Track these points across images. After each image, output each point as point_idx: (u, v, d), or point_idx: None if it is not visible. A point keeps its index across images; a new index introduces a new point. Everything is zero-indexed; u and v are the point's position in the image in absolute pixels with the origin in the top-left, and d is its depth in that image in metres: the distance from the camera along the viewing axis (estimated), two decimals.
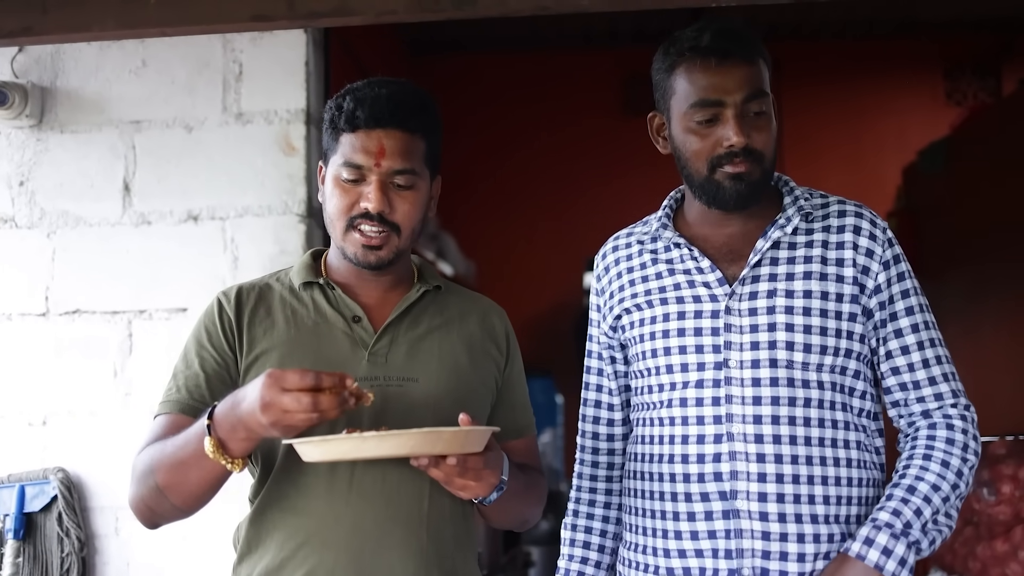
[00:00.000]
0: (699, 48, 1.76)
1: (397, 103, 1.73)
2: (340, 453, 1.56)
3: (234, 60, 2.97)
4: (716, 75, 1.74)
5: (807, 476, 1.72)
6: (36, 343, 2.99)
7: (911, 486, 1.72)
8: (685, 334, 1.80)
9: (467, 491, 1.63)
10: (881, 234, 1.81)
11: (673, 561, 1.78)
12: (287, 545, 1.71)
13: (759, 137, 1.75)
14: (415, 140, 1.74)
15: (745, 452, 1.73)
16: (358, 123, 1.72)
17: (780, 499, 1.71)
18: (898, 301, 1.79)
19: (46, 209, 3.02)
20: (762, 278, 1.79)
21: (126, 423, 2.95)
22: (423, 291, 1.84)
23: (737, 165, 1.75)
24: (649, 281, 1.88)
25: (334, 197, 1.76)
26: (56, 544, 2.86)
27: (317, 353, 1.76)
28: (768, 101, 1.77)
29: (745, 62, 1.75)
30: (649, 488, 1.83)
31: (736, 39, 1.76)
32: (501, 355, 1.90)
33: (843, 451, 1.75)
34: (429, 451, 1.55)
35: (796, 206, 1.82)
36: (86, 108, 3.01)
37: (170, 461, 1.63)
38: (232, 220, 2.95)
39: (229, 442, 1.56)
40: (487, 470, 1.62)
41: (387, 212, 1.73)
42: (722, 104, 1.74)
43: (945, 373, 1.79)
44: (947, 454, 1.74)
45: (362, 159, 1.72)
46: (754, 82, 1.75)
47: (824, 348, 1.75)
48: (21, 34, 1.94)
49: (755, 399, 1.74)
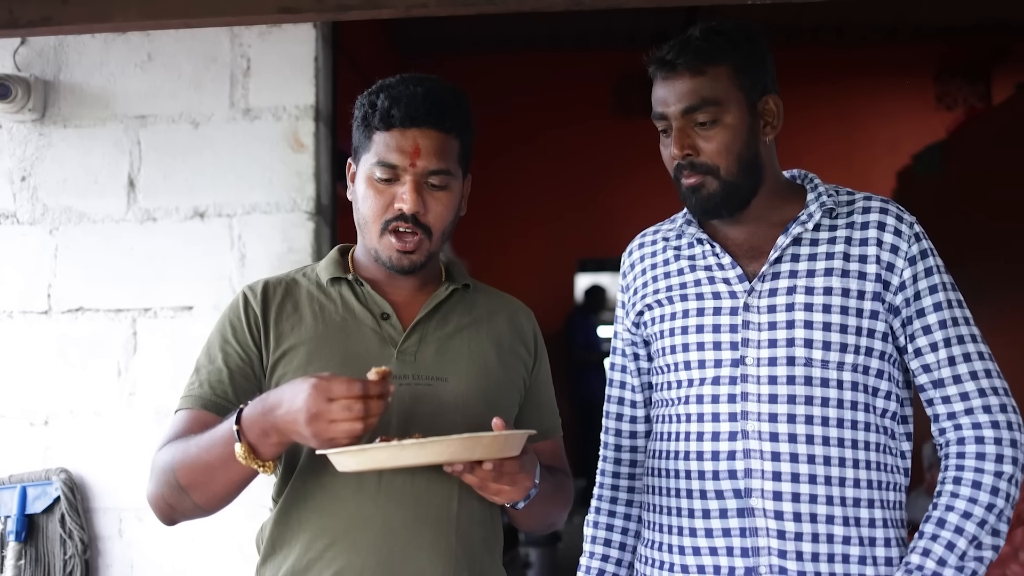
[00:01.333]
0: (654, 60, 1.78)
1: (433, 102, 1.69)
2: (378, 462, 1.52)
3: (242, 55, 2.93)
4: (661, 88, 1.77)
5: (824, 476, 1.70)
6: (38, 342, 2.94)
7: (940, 519, 1.69)
8: (703, 331, 1.79)
9: (501, 496, 1.60)
10: (907, 229, 1.77)
11: (688, 558, 1.77)
12: (314, 546, 1.68)
13: (707, 147, 1.74)
14: (450, 140, 1.71)
15: (760, 451, 1.71)
16: (393, 122, 1.68)
17: (795, 498, 1.69)
18: (925, 297, 1.75)
19: (48, 205, 2.96)
20: (782, 275, 1.77)
21: (130, 423, 2.91)
22: (452, 289, 1.82)
23: (688, 178, 1.77)
24: (671, 277, 1.87)
25: (368, 198, 1.72)
26: (59, 546, 2.81)
27: (345, 350, 1.72)
28: (721, 109, 1.74)
29: (691, 73, 1.74)
30: (666, 485, 1.81)
31: (688, 49, 1.75)
32: (529, 355, 1.88)
33: (862, 452, 1.72)
34: (468, 457, 1.51)
35: (819, 203, 1.79)
36: (90, 102, 2.96)
37: (194, 461, 1.60)
38: (239, 217, 2.91)
39: (260, 446, 1.53)
40: (522, 474, 1.59)
41: (421, 214, 1.70)
42: (665, 118, 1.77)
43: (974, 371, 1.73)
44: (978, 472, 1.69)
45: (397, 159, 1.68)
46: (698, 92, 1.74)
47: (845, 346, 1.73)
48: (41, 24, 1.88)
49: (771, 397, 1.72)
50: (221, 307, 2.89)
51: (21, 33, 1.98)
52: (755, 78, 1.77)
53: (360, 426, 1.44)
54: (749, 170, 1.77)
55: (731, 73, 1.74)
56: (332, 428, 1.44)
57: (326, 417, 1.43)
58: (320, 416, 1.44)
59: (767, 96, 1.79)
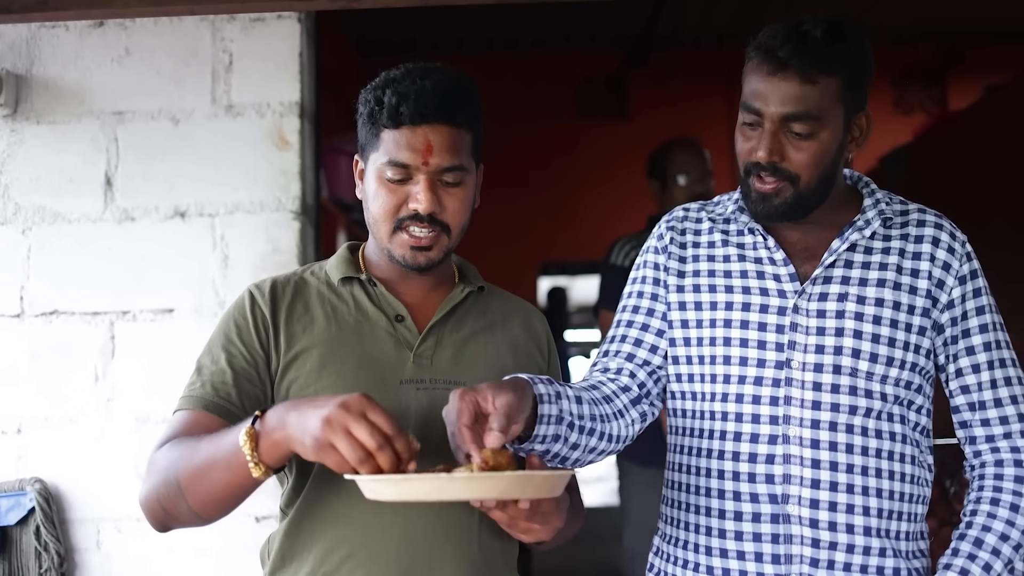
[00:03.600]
0: (763, 47, 1.68)
1: (443, 95, 1.62)
2: (421, 494, 1.38)
3: (224, 50, 2.84)
4: (762, 83, 1.68)
5: (861, 487, 1.67)
6: (9, 346, 2.82)
7: (978, 538, 1.67)
8: (749, 327, 1.74)
9: (529, 534, 1.53)
10: (960, 247, 1.76)
11: (715, 560, 1.72)
12: (330, 558, 1.62)
13: (796, 157, 1.68)
14: (462, 134, 1.65)
15: (800, 456, 1.68)
16: (402, 119, 1.61)
17: (832, 507, 1.67)
18: (972, 318, 1.74)
19: (21, 204, 2.84)
20: (834, 280, 1.73)
21: (108, 431, 2.80)
22: (467, 292, 1.76)
23: (764, 182, 1.70)
24: (716, 261, 1.81)
25: (379, 197, 1.65)
26: (34, 559, 2.70)
27: (360, 352, 1.67)
28: (820, 124, 1.67)
29: (801, 79, 1.65)
30: (695, 483, 1.76)
31: (805, 50, 1.65)
32: (543, 359, 1.84)
33: (898, 464, 1.70)
34: (518, 495, 1.41)
35: (877, 209, 1.76)
36: (65, 98, 2.85)
37: (199, 458, 1.51)
38: (222, 217, 2.82)
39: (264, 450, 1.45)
40: (555, 514, 1.52)
41: (437, 212, 1.64)
42: (759, 114, 1.68)
43: (1015, 396, 1.73)
44: (1016, 495, 1.69)
45: (408, 157, 1.62)
46: (804, 102, 1.65)
47: (891, 360, 1.70)
48: (36, 9, 1.78)
49: (815, 404, 1.69)
50: (203, 310, 2.81)
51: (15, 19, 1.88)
52: (858, 94, 1.71)
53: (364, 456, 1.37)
54: (826, 183, 1.72)
55: (840, 87, 1.67)
56: (342, 442, 1.37)
57: (344, 427, 1.37)
58: (336, 423, 1.37)
59: (861, 113, 1.73)
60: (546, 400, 1.59)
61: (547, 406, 1.58)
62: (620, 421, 1.74)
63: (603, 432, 1.70)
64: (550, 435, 1.60)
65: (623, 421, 1.75)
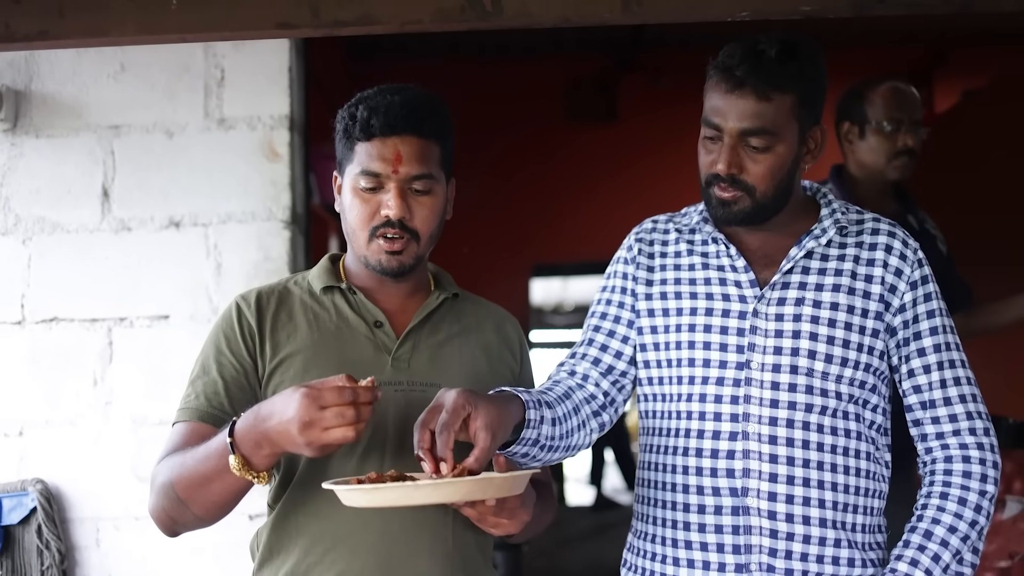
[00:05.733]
0: (721, 67, 1.79)
1: (411, 109, 1.74)
2: (390, 500, 1.53)
3: (216, 65, 2.95)
4: (721, 100, 1.79)
5: (817, 481, 1.77)
6: (12, 352, 2.94)
7: (928, 531, 1.77)
8: (711, 330, 1.83)
9: (499, 528, 1.65)
10: (912, 255, 1.85)
11: (680, 551, 1.82)
12: (314, 550, 1.72)
13: (753, 169, 1.78)
14: (430, 145, 1.76)
15: (759, 452, 1.77)
16: (373, 131, 1.73)
17: (790, 500, 1.76)
18: (923, 321, 1.84)
19: (21, 215, 2.96)
20: (792, 285, 1.83)
21: (106, 433, 2.91)
22: (442, 298, 1.87)
23: (724, 191, 1.80)
24: (682, 270, 1.91)
25: (354, 207, 1.77)
26: (36, 557, 2.81)
27: (341, 357, 1.77)
28: (776, 139, 1.77)
29: (757, 96, 1.75)
30: (662, 479, 1.86)
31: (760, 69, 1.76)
32: (516, 362, 1.94)
33: (853, 460, 1.80)
34: (480, 497, 1.54)
35: (833, 219, 1.86)
36: (63, 113, 2.96)
37: (191, 475, 1.63)
38: (215, 226, 2.93)
39: (253, 458, 1.57)
40: (521, 509, 1.64)
41: (407, 218, 1.75)
42: (718, 128, 1.79)
43: (963, 395, 1.82)
44: (964, 489, 1.78)
45: (379, 167, 1.73)
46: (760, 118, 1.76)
47: (845, 360, 1.80)
48: (37, 38, 1.89)
49: (773, 402, 1.78)
50: (197, 316, 2.92)
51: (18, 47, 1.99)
52: (813, 109, 1.81)
53: (352, 432, 1.49)
54: (782, 193, 1.82)
55: (794, 104, 1.77)
56: (326, 435, 1.48)
57: (320, 425, 1.48)
58: (313, 424, 1.48)
59: (816, 127, 1.83)
60: (532, 426, 1.71)
61: (530, 431, 1.71)
62: (580, 432, 1.86)
63: (564, 446, 1.82)
64: (520, 452, 1.73)
65: (583, 432, 1.87)
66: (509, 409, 1.66)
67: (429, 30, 1.96)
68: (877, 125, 2.90)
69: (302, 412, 1.48)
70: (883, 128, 2.89)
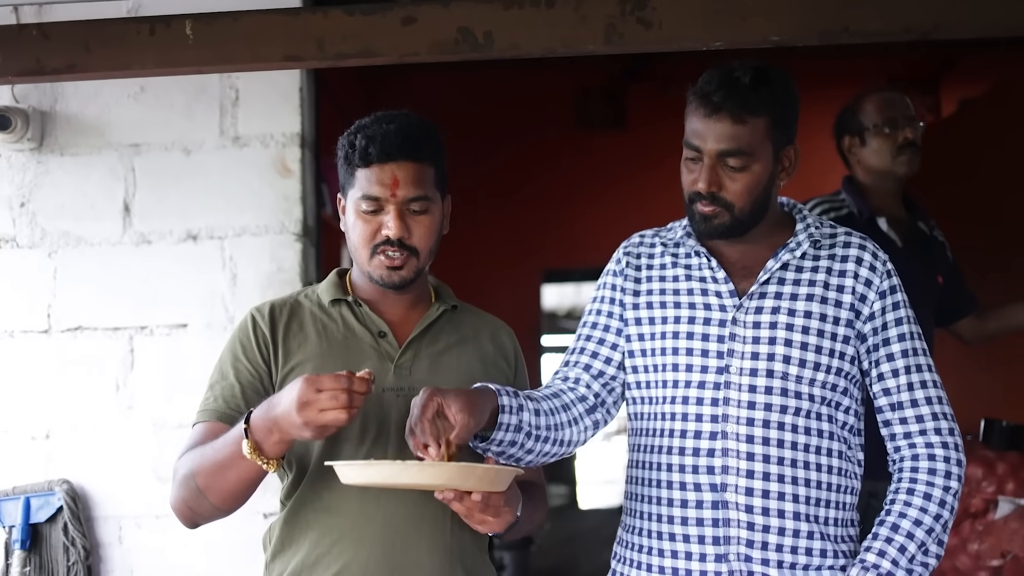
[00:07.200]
0: (699, 93, 1.92)
1: (405, 136, 1.88)
2: (381, 477, 1.72)
3: (230, 86, 3.09)
4: (700, 123, 1.92)
5: (791, 477, 1.89)
6: (39, 359, 3.09)
7: (895, 524, 1.89)
8: (693, 337, 1.96)
9: (485, 526, 1.78)
10: (881, 266, 1.97)
11: (664, 543, 1.94)
12: (322, 542, 1.86)
13: (731, 187, 1.91)
14: (425, 168, 1.90)
15: (737, 450, 1.90)
16: (371, 159, 1.87)
17: (765, 495, 1.89)
18: (891, 328, 1.96)
19: (47, 229, 3.11)
20: (768, 295, 1.96)
21: (128, 436, 3.06)
22: (442, 310, 2.00)
23: (704, 207, 1.93)
24: (666, 281, 2.03)
25: (357, 227, 1.91)
26: (62, 553, 2.95)
27: (347, 364, 1.88)
28: (752, 159, 1.91)
29: (733, 119, 1.89)
30: (647, 476, 1.98)
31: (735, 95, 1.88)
32: (510, 369, 2.07)
33: (825, 458, 1.92)
34: (461, 485, 1.68)
35: (807, 233, 1.98)
36: (86, 132, 3.11)
37: (210, 463, 1.77)
38: (230, 239, 3.07)
39: (264, 444, 1.71)
40: (506, 508, 1.77)
41: (406, 237, 1.88)
42: (698, 150, 1.92)
43: (929, 397, 1.95)
44: (929, 485, 1.90)
45: (379, 191, 1.87)
46: (736, 139, 1.89)
47: (817, 365, 1.92)
48: (66, 71, 2.04)
49: (750, 403, 1.91)
50: (214, 324, 3.06)
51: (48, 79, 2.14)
52: (786, 130, 1.95)
53: (345, 415, 1.63)
54: (759, 209, 1.95)
55: (768, 126, 1.91)
56: (321, 416, 1.63)
57: (316, 406, 1.63)
58: (310, 404, 1.63)
59: (789, 147, 1.97)
60: (507, 411, 1.85)
61: (508, 416, 1.85)
62: (574, 427, 1.99)
63: (557, 439, 1.95)
64: (507, 440, 1.86)
65: (577, 427, 2.00)
66: (481, 395, 1.81)
67: (426, 61, 2.09)
68: (875, 128, 3.02)
69: (300, 393, 1.64)
70: (881, 129, 3.02)
